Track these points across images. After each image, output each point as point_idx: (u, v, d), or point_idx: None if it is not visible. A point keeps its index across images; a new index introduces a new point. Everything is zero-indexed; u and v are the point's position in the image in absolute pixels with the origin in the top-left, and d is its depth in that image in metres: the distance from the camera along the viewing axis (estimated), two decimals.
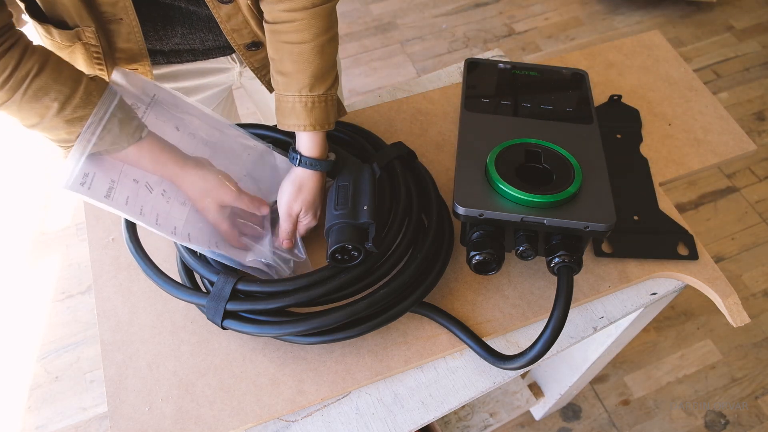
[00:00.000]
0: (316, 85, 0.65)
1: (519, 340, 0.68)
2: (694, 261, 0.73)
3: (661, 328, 1.59)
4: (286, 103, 0.66)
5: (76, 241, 1.73)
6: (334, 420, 0.63)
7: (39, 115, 0.57)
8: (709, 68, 2.19)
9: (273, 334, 0.61)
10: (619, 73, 0.96)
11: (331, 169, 0.70)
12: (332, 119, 0.68)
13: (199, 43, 0.77)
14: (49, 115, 0.57)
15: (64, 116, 0.57)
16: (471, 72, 0.82)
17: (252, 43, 0.74)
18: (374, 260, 0.64)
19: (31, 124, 0.58)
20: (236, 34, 0.72)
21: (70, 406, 1.44)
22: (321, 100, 0.66)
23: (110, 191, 0.59)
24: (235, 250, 0.68)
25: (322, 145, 0.69)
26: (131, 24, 0.66)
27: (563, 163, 0.65)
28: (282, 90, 0.67)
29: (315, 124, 0.66)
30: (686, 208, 1.82)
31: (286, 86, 0.66)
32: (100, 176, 0.59)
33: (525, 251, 0.63)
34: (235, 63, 0.85)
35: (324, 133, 0.69)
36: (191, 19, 0.73)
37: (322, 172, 0.69)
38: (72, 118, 0.57)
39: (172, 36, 0.74)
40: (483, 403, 1.29)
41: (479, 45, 2.27)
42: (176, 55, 0.78)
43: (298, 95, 0.65)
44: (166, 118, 0.67)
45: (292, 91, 0.66)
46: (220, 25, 0.71)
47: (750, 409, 1.46)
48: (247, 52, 0.75)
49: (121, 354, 0.66)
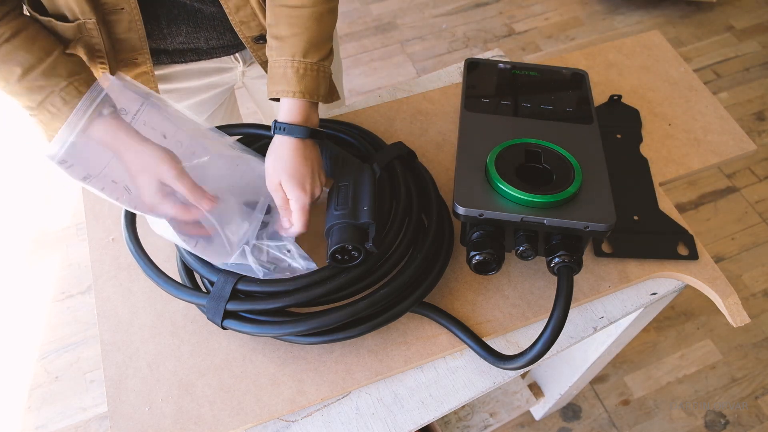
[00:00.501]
0: (310, 52, 0.64)
1: (519, 340, 0.68)
2: (694, 261, 0.73)
3: (661, 328, 1.59)
4: (278, 69, 0.65)
5: (76, 241, 1.73)
6: (334, 420, 0.63)
7: (3, 78, 0.60)
8: (709, 68, 2.19)
9: (273, 334, 0.61)
10: (619, 73, 0.96)
11: (314, 137, 0.66)
12: (322, 92, 0.66)
13: (203, 42, 0.77)
14: (12, 80, 0.59)
15: (26, 83, 0.60)
16: (471, 72, 0.82)
17: (260, 35, 0.74)
18: (374, 260, 0.64)
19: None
20: (244, 27, 0.72)
21: (70, 406, 1.44)
22: (313, 68, 0.65)
23: (86, 179, 0.61)
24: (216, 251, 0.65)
25: (304, 114, 0.65)
26: (132, 12, 0.66)
27: (563, 163, 0.65)
28: (275, 56, 0.65)
29: (305, 92, 0.64)
30: (686, 208, 1.82)
31: (279, 51, 0.65)
32: (78, 167, 0.61)
33: (525, 251, 0.63)
34: (237, 62, 0.85)
35: (309, 106, 0.66)
36: (196, 17, 0.73)
37: (302, 140, 0.65)
38: (32, 86, 0.60)
39: (176, 35, 0.74)
40: (483, 403, 1.29)
41: (479, 45, 2.27)
42: (180, 54, 0.78)
43: (291, 60, 0.64)
44: (154, 125, 0.66)
45: (285, 56, 0.64)
46: (229, 17, 0.71)
47: (750, 409, 1.46)
48: (255, 45, 0.75)
49: (121, 354, 0.66)
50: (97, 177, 0.61)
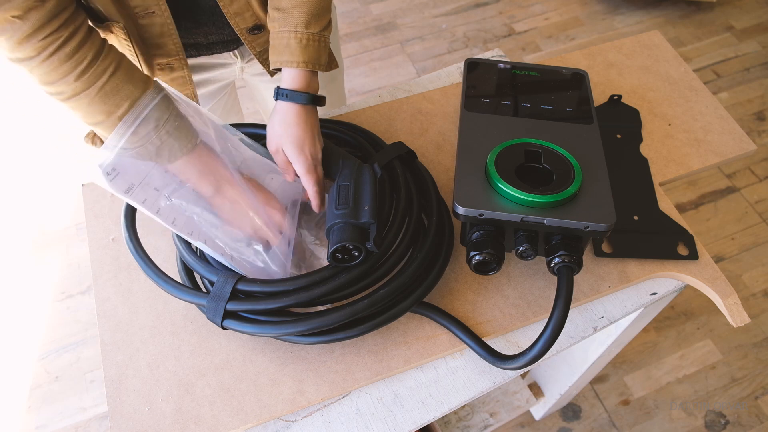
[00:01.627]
0: (312, 23, 0.66)
1: (519, 340, 0.68)
2: (694, 261, 0.73)
3: (661, 328, 1.59)
4: (281, 40, 0.66)
5: (76, 241, 1.73)
6: (334, 420, 0.63)
7: (106, 112, 0.58)
8: (709, 68, 2.19)
9: (273, 334, 0.61)
10: (619, 73, 0.96)
11: (314, 103, 0.68)
12: (323, 61, 0.68)
13: (202, 37, 0.77)
14: (117, 114, 0.58)
15: (127, 116, 0.58)
16: (471, 72, 0.82)
17: (254, 26, 0.75)
18: (375, 260, 0.64)
19: (94, 121, 0.59)
20: (239, 18, 0.73)
21: (70, 406, 1.44)
22: (315, 39, 0.66)
23: (129, 190, 0.60)
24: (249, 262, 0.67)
25: (305, 82, 0.68)
26: (164, 16, 0.67)
27: (563, 163, 0.65)
28: (278, 27, 0.67)
29: (308, 62, 0.66)
30: (686, 208, 1.82)
31: (282, 22, 0.66)
32: (121, 177, 0.59)
33: (525, 251, 0.63)
34: (236, 59, 0.85)
35: (311, 74, 0.68)
36: (196, 12, 0.73)
37: (304, 106, 0.67)
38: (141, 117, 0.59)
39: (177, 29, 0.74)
40: (483, 403, 1.29)
41: (479, 45, 2.27)
42: None
43: (294, 31, 0.66)
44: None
45: (287, 27, 0.66)
46: (223, 10, 0.71)
47: (750, 409, 1.46)
48: (250, 36, 0.76)
49: (121, 354, 0.66)
50: (140, 186, 0.60)
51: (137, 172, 0.61)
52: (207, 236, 0.64)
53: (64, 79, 0.55)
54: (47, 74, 0.55)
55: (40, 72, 0.55)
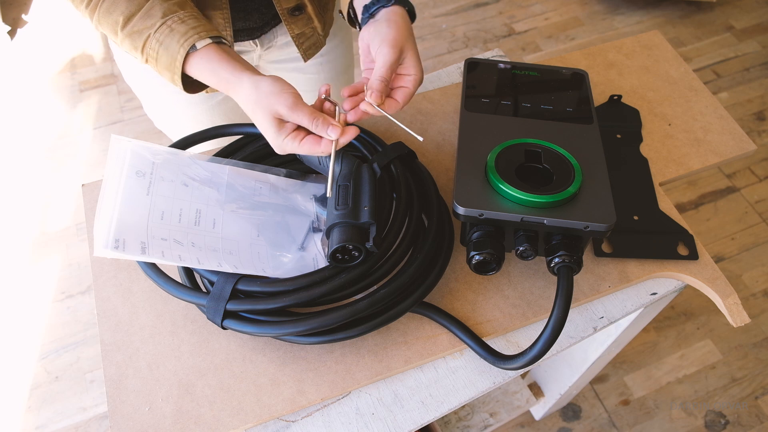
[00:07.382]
0: None
1: (519, 340, 0.68)
2: (694, 261, 0.73)
3: (661, 328, 1.59)
4: None
5: (76, 241, 1.73)
6: (334, 420, 0.63)
7: (112, 30, 0.63)
8: (709, 68, 2.19)
9: (273, 334, 0.61)
10: (619, 73, 0.96)
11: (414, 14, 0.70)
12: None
13: (240, 22, 0.79)
14: (117, 30, 0.62)
15: (127, 30, 0.62)
16: (471, 72, 0.82)
17: (296, 6, 0.76)
18: (374, 260, 0.64)
19: (111, 41, 0.67)
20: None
21: (70, 406, 1.44)
22: None
23: (144, 249, 0.58)
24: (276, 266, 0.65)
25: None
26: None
27: (563, 163, 0.65)
28: None
29: None
30: (686, 208, 1.82)
31: None
32: (131, 240, 0.57)
33: (525, 251, 0.64)
34: (255, 47, 0.87)
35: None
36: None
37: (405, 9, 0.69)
38: (133, 31, 0.62)
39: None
40: (483, 403, 1.30)
41: (479, 45, 2.27)
42: None
43: None
44: (174, 176, 0.65)
45: None
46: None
47: (750, 409, 1.46)
48: (290, 18, 0.78)
49: (121, 354, 0.66)
50: (151, 239, 0.59)
51: (137, 229, 0.59)
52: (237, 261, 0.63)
53: None
54: None
55: None
